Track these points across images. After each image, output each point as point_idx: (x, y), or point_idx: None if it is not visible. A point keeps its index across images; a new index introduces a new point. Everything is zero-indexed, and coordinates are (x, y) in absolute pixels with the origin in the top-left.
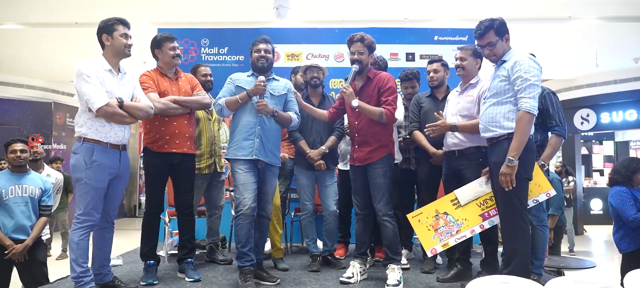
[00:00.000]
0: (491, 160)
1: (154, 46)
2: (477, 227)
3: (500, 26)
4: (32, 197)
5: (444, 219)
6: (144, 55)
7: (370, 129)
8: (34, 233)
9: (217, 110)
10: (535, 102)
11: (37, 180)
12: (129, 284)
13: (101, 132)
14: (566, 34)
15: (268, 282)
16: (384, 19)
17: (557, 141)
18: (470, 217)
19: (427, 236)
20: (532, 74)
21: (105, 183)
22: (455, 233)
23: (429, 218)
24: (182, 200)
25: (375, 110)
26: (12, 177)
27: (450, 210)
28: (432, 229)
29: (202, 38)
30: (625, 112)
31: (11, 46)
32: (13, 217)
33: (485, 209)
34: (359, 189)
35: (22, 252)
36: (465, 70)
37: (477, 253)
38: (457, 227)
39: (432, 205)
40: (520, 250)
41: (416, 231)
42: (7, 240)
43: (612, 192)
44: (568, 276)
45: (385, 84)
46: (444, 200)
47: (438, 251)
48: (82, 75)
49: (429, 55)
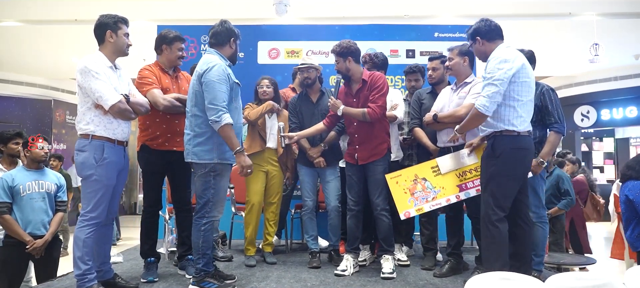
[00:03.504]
0: (483, 155)
1: (164, 41)
2: (453, 197)
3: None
4: (49, 192)
5: (422, 184)
6: (144, 52)
7: (368, 129)
8: (52, 228)
9: (225, 123)
10: (489, 103)
11: (52, 176)
12: (129, 281)
13: (110, 128)
14: (566, 31)
15: None
16: (384, 16)
17: (555, 138)
18: (448, 186)
19: (402, 199)
20: (493, 73)
21: (115, 180)
22: (430, 200)
23: (407, 181)
24: (180, 197)
25: (359, 112)
26: (29, 173)
27: (430, 176)
28: (408, 193)
29: (202, 35)
30: (625, 108)
31: (11, 43)
32: (31, 212)
33: (464, 181)
34: (354, 185)
35: (41, 247)
36: (453, 70)
37: (470, 249)
38: (433, 194)
39: (412, 169)
40: (489, 249)
41: (392, 192)
42: (26, 235)
43: (629, 186)
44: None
45: (375, 83)
46: (425, 166)
47: (411, 214)
48: (90, 72)
49: (429, 52)
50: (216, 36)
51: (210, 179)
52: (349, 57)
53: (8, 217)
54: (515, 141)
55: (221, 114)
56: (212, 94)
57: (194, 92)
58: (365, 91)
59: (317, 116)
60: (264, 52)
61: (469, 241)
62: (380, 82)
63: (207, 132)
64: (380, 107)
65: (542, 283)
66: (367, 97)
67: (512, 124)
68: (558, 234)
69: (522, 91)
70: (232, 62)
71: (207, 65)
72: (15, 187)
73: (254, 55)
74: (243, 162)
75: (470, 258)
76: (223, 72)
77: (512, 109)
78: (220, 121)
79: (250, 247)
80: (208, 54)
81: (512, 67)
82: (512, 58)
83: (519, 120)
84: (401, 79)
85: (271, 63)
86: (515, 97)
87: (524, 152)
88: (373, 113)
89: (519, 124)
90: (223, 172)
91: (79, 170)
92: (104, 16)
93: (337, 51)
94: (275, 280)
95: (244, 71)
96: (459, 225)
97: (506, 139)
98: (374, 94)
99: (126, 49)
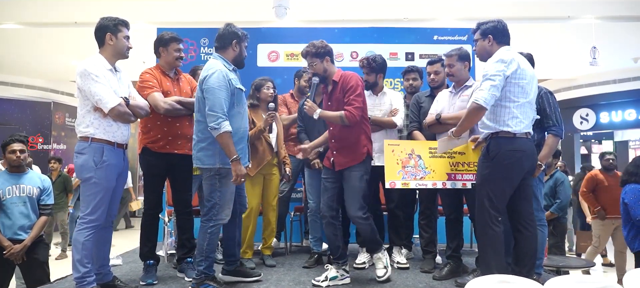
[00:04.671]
0: (479, 157)
1: (160, 44)
2: (440, 183)
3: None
4: (30, 196)
5: (415, 161)
6: (144, 54)
7: (347, 133)
8: (33, 233)
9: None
10: (487, 95)
11: (36, 180)
12: (128, 284)
13: (109, 131)
14: (565, 34)
15: None
16: (384, 19)
17: (553, 141)
18: (438, 170)
19: (393, 168)
20: (491, 71)
21: (114, 182)
22: (418, 179)
23: (402, 153)
24: (181, 200)
25: (336, 115)
26: (9, 177)
27: (425, 155)
28: (400, 164)
29: (202, 37)
30: (624, 111)
31: (10, 46)
32: (11, 217)
33: (454, 171)
34: (328, 190)
35: (20, 252)
36: (455, 75)
37: (470, 252)
38: (423, 174)
39: (412, 143)
40: (485, 251)
41: (386, 158)
42: (5, 240)
43: (626, 189)
44: (568, 275)
45: (347, 84)
46: (423, 144)
47: (396, 185)
48: (90, 75)
49: (429, 55)
50: (219, 40)
51: (216, 182)
52: (326, 57)
53: None
54: (511, 143)
55: (220, 122)
56: (212, 101)
57: (197, 98)
58: (338, 93)
59: (321, 120)
60: (264, 55)
61: (469, 244)
62: (352, 82)
63: (209, 138)
64: (357, 109)
65: (541, 286)
66: (340, 100)
67: (507, 124)
68: (558, 237)
69: (517, 92)
70: (238, 65)
71: (207, 72)
72: None
73: (253, 58)
74: (238, 171)
75: (470, 261)
76: (223, 79)
77: (507, 110)
78: (219, 129)
79: (248, 250)
80: (212, 59)
81: (508, 67)
82: (509, 59)
83: (514, 121)
84: (400, 81)
85: (271, 66)
86: (510, 97)
87: (520, 154)
88: (351, 116)
89: (515, 125)
90: (228, 175)
91: (79, 172)
92: (104, 19)
93: (313, 52)
94: (274, 283)
95: (244, 74)
96: (458, 228)
97: (502, 140)
98: (348, 95)
99: (126, 51)
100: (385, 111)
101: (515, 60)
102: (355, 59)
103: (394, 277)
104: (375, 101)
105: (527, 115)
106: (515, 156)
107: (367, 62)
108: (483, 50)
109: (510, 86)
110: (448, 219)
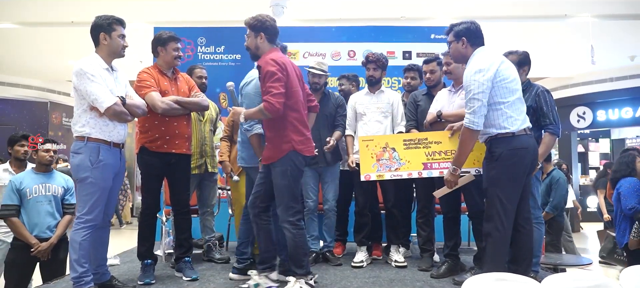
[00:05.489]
0: (483, 160)
1: (158, 43)
2: (415, 173)
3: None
4: (56, 195)
5: (390, 154)
6: (141, 54)
7: (271, 125)
8: (58, 231)
9: (254, 131)
10: (476, 118)
11: (60, 179)
12: (126, 284)
13: (105, 130)
14: (562, 32)
15: None
16: (381, 18)
17: (550, 139)
18: (414, 161)
19: (367, 162)
20: (471, 86)
21: (111, 182)
22: (393, 170)
23: (377, 147)
24: (179, 200)
25: (256, 110)
26: (36, 176)
27: (399, 148)
28: (375, 158)
29: (199, 37)
30: (621, 109)
31: (7, 45)
32: (38, 215)
33: (430, 160)
34: (257, 184)
35: (46, 249)
36: (453, 74)
37: (467, 250)
38: (397, 165)
39: (386, 137)
40: (489, 249)
41: (360, 154)
42: (32, 238)
43: (622, 182)
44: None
45: (262, 71)
46: (398, 137)
47: (371, 178)
48: (85, 75)
49: (426, 54)
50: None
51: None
52: (261, 33)
53: (15, 219)
54: (511, 142)
55: (253, 124)
56: (248, 106)
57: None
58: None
59: (321, 118)
60: None
61: (466, 242)
62: (267, 68)
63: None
64: (275, 96)
65: (538, 284)
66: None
67: (503, 126)
68: (554, 235)
69: (504, 93)
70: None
71: (247, 79)
72: (22, 189)
73: None
74: None
75: (468, 259)
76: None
77: (500, 112)
78: (251, 130)
79: None
80: (254, 69)
81: (486, 75)
82: (486, 66)
83: (509, 121)
84: (398, 80)
85: None
86: (499, 100)
87: (522, 152)
88: (269, 107)
89: (511, 125)
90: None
91: (75, 172)
92: (98, 18)
93: (250, 23)
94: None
95: (242, 73)
96: (456, 227)
97: (502, 141)
98: (262, 84)
99: (121, 50)
100: (383, 109)
101: (493, 63)
102: (353, 58)
103: (392, 275)
104: (372, 99)
105: (520, 111)
106: (517, 155)
107: (375, 58)
108: (457, 53)
109: (496, 89)
110: (446, 217)
